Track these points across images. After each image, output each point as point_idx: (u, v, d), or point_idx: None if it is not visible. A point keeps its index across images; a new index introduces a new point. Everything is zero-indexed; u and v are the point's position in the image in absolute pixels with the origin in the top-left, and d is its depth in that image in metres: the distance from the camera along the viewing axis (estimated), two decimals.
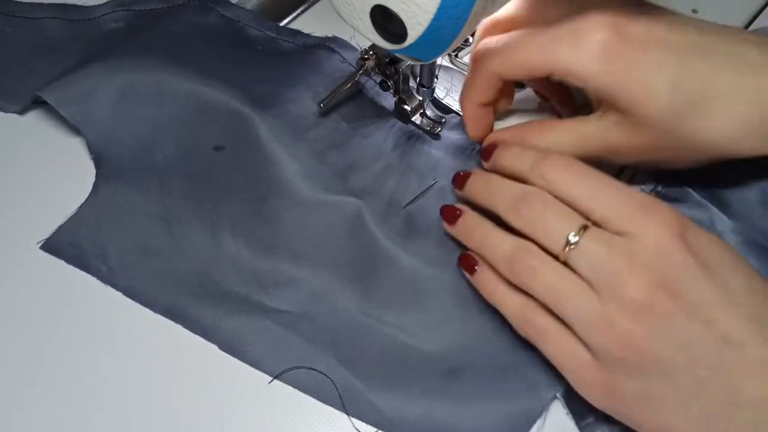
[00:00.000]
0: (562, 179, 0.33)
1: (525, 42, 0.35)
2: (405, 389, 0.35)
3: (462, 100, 0.40)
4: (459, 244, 0.38)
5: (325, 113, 0.44)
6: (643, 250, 0.30)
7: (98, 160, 0.41)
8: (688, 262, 0.30)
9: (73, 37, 0.47)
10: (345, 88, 0.43)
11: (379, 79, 0.43)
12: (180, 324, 0.37)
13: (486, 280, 0.36)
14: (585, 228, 0.32)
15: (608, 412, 0.32)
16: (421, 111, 0.44)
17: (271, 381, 0.35)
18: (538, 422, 0.34)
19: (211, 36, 0.47)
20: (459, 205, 0.38)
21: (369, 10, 0.32)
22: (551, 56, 0.34)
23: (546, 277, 0.32)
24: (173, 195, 0.40)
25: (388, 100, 0.45)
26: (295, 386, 0.35)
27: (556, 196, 0.33)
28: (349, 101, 0.45)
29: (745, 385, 0.28)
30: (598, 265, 0.31)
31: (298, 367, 0.35)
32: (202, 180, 0.41)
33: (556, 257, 0.32)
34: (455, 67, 0.45)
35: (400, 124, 0.44)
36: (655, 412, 0.30)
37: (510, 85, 0.41)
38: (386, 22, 0.32)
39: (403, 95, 0.43)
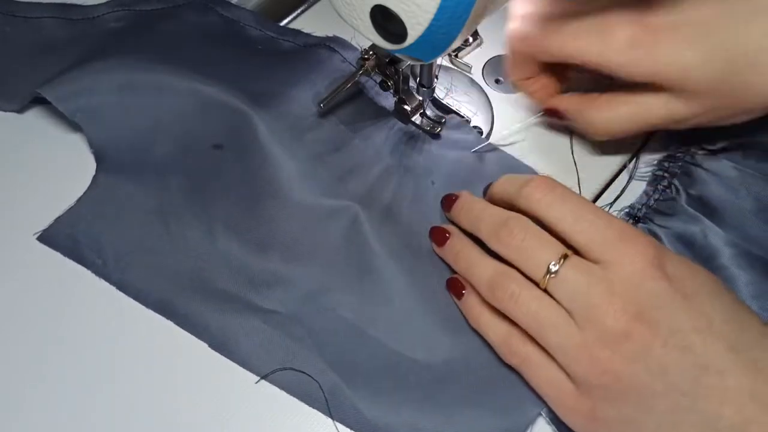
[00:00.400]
0: (545, 201, 0.34)
1: (556, 33, 0.38)
2: (391, 397, 0.35)
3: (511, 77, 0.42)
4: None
5: (325, 113, 0.44)
6: (621, 279, 0.31)
7: (98, 156, 0.42)
8: (665, 290, 0.30)
9: (73, 37, 0.47)
10: (345, 88, 0.43)
11: (379, 79, 0.43)
12: (170, 320, 0.37)
13: (471, 306, 0.36)
14: (565, 257, 0.32)
15: None
16: (421, 111, 0.44)
17: (258, 381, 0.35)
18: None
19: (211, 36, 0.47)
20: (448, 227, 0.38)
21: (369, 10, 0.32)
22: (581, 49, 0.37)
23: (527, 304, 0.33)
24: (171, 192, 0.41)
25: (388, 100, 0.45)
26: (281, 387, 0.35)
27: (540, 218, 0.34)
28: (349, 101, 0.45)
29: (723, 412, 0.29)
30: (576, 295, 0.31)
31: (286, 368, 0.36)
32: (200, 178, 0.41)
33: (537, 284, 0.33)
34: (455, 67, 0.45)
35: (400, 124, 0.44)
36: None
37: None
38: (386, 22, 0.32)
39: (403, 95, 0.43)
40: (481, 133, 0.44)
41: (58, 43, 0.47)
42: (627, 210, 0.41)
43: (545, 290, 0.32)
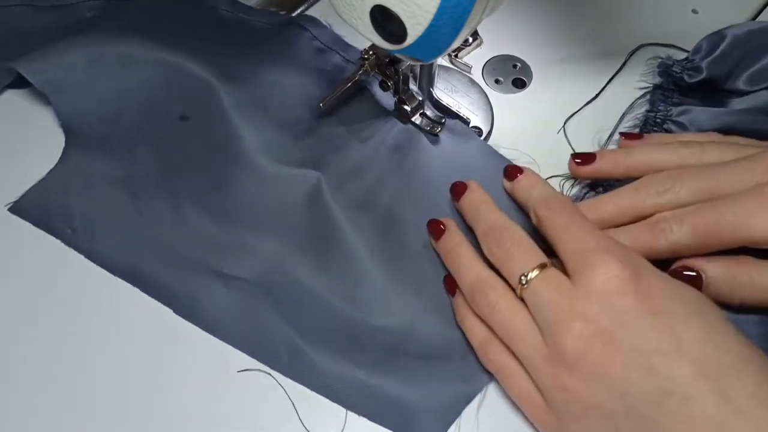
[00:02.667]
0: (546, 215, 0.34)
1: (711, 221, 0.34)
2: (349, 358, 0.36)
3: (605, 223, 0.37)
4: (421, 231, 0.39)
5: (325, 113, 0.44)
6: (587, 294, 0.30)
7: (67, 128, 0.42)
8: (630, 308, 0.29)
9: (46, 24, 0.48)
10: (345, 88, 0.43)
11: (379, 79, 0.43)
12: (138, 287, 0.37)
13: (459, 305, 0.36)
14: (543, 267, 0.32)
15: None
16: (421, 111, 0.44)
17: (241, 371, 0.35)
18: (478, 398, 0.35)
19: (183, 17, 0.48)
20: (445, 220, 0.38)
21: (369, 10, 0.32)
22: (745, 231, 0.33)
23: (501, 313, 0.33)
24: (137, 163, 0.41)
25: (388, 100, 0.45)
26: (243, 350, 0.36)
27: (538, 229, 0.34)
28: (349, 101, 0.45)
29: None
30: (542, 308, 0.31)
31: (248, 331, 0.36)
32: (166, 149, 0.42)
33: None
34: (455, 67, 0.45)
35: (399, 124, 0.44)
36: None
37: None
38: (386, 22, 0.32)
39: (403, 95, 0.43)
40: (481, 133, 0.44)
41: (33, 30, 0.47)
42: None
43: (522, 300, 0.32)
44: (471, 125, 0.44)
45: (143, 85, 0.43)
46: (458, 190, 0.39)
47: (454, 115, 0.44)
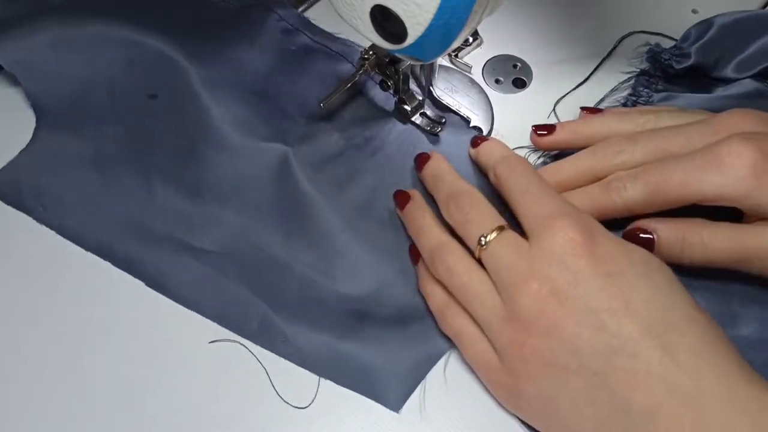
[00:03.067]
0: (505, 176, 0.36)
1: (661, 178, 0.35)
2: (317, 325, 0.36)
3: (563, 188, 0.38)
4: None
5: (325, 113, 0.44)
6: (543, 255, 0.31)
7: (37, 108, 0.43)
8: (584, 269, 0.30)
9: (14, 9, 0.47)
10: (345, 88, 0.43)
11: (379, 79, 0.43)
12: (109, 262, 0.38)
13: (420, 272, 0.37)
14: (501, 229, 0.33)
15: (517, 413, 0.33)
16: (421, 111, 0.44)
17: (212, 342, 0.36)
18: (443, 360, 0.36)
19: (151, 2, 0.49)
20: (412, 192, 0.39)
21: (369, 10, 0.32)
22: (693, 187, 0.34)
23: (459, 276, 0.33)
24: (108, 141, 0.42)
25: (388, 100, 0.45)
26: (215, 320, 0.37)
27: (499, 191, 0.35)
28: (349, 101, 0.45)
29: (633, 395, 0.28)
30: (501, 269, 0.32)
31: (218, 302, 0.37)
32: (136, 126, 0.43)
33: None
34: (455, 67, 0.45)
35: (399, 124, 0.44)
36: (552, 414, 0.31)
37: None
38: (386, 22, 0.32)
39: (403, 95, 0.43)
40: (481, 132, 0.44)
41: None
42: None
43: (480, 262, 0.33)
44: (471, 125, 0.44)
45: (112, 64, 0.44)
46: (422, 159, 0.40)
47: (455, 115, 0.44)
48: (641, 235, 0.36)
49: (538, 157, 0.43)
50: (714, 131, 0.36)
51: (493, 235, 0.33)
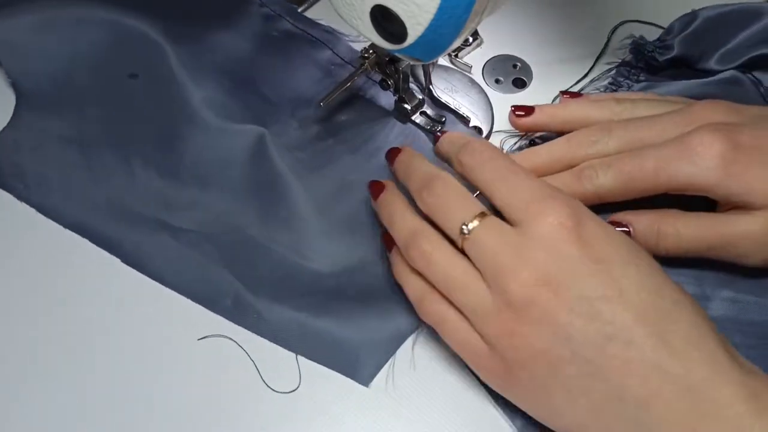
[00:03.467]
0: (474, 164, 0.34)
1: (634, 166, 0.36)
2: (290, 302, 0.37)
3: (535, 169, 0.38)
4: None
5: (325, 112, 0.44)
6: (532, 242, 0.31)
7: (18, 88, 0.44)
8: (574, 255, 0.30)
9: None
10: (345, 87, 0.43)
11: (378, 78, 0.43)
12: (87, 239, 0.39)
13: (395, 261, 0.36)
14: (483, 216, 0.32)
15: (509, 398, 0.33)
16: (421, 110, 0.44)
17: (201, 338, 0.37)
18: (412, 337, 0.37)
19: None
20: (386, 182, 0.38)
21: (369, 10, 0.32)
22: (665, 176, 0.35)
23: (438, 264, 0.33)
24: (88, 121, 0.43)
25: (388, 100, 0.45)
26: (190, 297, 0.37)
27: (467, 181, 0.34)
28: (349, 101, 0.45)
29: (627, 383, 0.28)
30: (487, 256, 0.31)
31: (195, 279, 0.38)
32: (116, 107, 0.44)
33: (455, 244, 0.33)
34: (455, 67, 0.45)
35: (399, 123, 0.44)
36: (545, 401, 0.31)
37: None
38: (386, 22, 0.32)
39: (403, 94, 0.43)
40: (481, 132, 0.44)
41: None
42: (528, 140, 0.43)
43: (462, 250, 0.32)
44: (471, 125, 0.44)
45: (93, 45, 0.45)
46: (393, 153, 0.39)
47: (455, 115, 0.44)
48: (617, 229, 0.36)
49: (515, 143, 0.44)
50: (687, 121, 0.36)
51: (476, 222, 0.32)
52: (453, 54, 0.45)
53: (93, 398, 0.35)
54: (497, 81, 0.47)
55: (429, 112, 0.44)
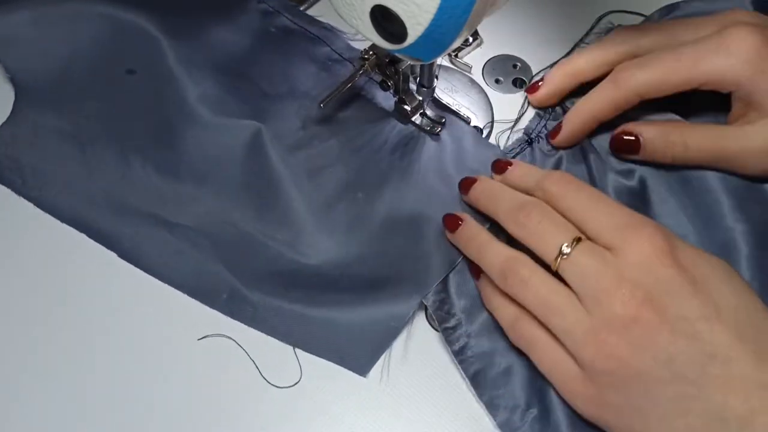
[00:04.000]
0: (561, 192, 0.35)
1: (671, 60, 0.37)
2: (286, 296, 0.38)
3: (582, 113, 0.40)
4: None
5: (325, 112, 0.44)
6: (631, 264, 0.31)
7: (17, 84, 0.44)
8: (673, 277, 0.30)
9: None
10: (345, 88, 0.43)
11: (379, 78, 0.43)
12: (84, 233, 0.40)
13: (484, 286, 0.37)
14: (578, 240, 0.32)
15: (597, 423, 0.33)
16: (421, 111, 0.44)
17: (201, 338, 0.37)
18: (406, 330, 0.37)
19: None
20: (461, 214, 0.39)
21: (369, 10, 0.32)
22: (702, 68, 0.36)
23: (536, 288, 0.33)
24: (86, 116, 0.43)
25: (388, 100, 0.45)
26: (186, 292, 0.38)
27: (554, 208, 0.34)
28: (349, 101, 0.45)
29: (729, 401, 0.28)
30: (586, 278, 0.31)
31: (191, 274, 0.38)
32: (114, 102, 0.44)
33: (549, 268, 0.33)
34: (455, 67, 0.45)
35: (399, 124, 0.44)
36: (640, 425, 0.31)
37: None
38: (386, 22, 0.32)
39: (403, 95, 0.43)
40: (481, 133, 0.44)
41: None
42: (522, 132, 0.44)
43: (557, 273, 0.33)
44: (471, 125, 0.44)
45: (91, 41, 0.45)
46: (467, 183, 0.39)
47: (454, 115, 0.44)
48: (626, 138, 0.37)
49: (508, 137, 0.44)
50: (720, 22, 0.38)
51: (574, 245, 0.32)
52: (453, 54, 0.45)
53: (93, 397, 0.35)
54: (497, 81, 0.47)
55: (429, 113, 0.44)
